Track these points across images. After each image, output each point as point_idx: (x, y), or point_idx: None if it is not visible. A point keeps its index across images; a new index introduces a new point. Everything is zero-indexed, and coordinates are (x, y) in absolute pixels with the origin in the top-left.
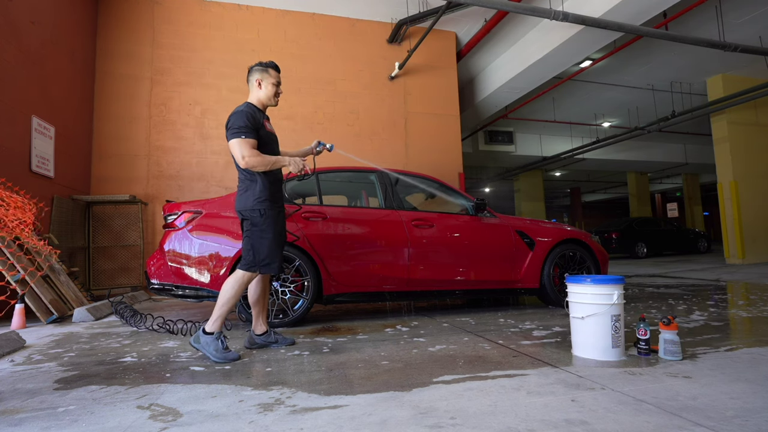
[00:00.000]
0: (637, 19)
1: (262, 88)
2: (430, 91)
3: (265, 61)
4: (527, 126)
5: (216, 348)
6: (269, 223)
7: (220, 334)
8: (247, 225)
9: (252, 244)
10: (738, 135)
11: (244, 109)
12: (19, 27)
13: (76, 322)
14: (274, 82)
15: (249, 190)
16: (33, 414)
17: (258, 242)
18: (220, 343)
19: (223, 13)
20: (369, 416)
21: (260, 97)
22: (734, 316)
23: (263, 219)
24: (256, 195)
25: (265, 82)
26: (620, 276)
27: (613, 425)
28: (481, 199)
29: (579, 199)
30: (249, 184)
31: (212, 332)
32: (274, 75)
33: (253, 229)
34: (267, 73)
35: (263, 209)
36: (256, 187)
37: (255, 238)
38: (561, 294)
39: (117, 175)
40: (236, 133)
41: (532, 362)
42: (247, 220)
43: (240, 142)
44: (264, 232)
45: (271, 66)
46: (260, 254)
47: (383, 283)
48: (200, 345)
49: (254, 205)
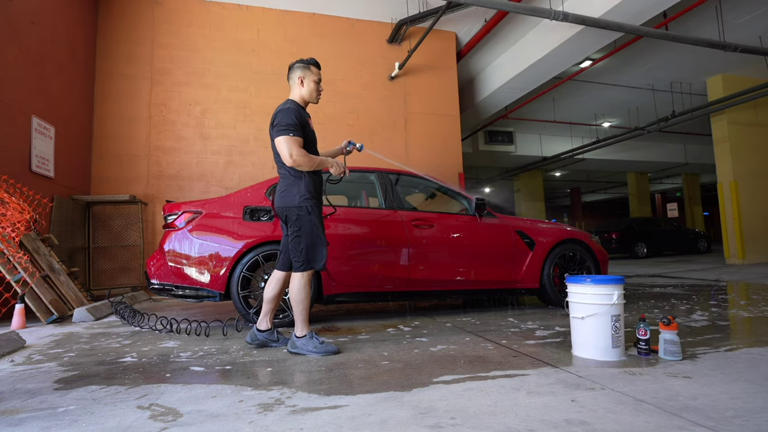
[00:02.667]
0: (637, 19)
1: (304, 86)
2: (430, 91)
3: (306, 59)
4: (527, 126)
5: (314, 346)
6: (317, 219)
7: (312, 334)
8: (293, 224)
9: (305, 242)
10: (738, 135)
11: (290, 107)
12: (19, 27)
13: (76, 322)
14: (316, 80)
15: (294, 187)
16: (33, 414)
17: (311, 240)
18: (316, 340)
19: (223, 13)
20: (369, 416)
21: (303, 95)
22: (734, 316)
23: (310, 216)
24: (302, 192)
25: (308, 79)
26: (620, 276)
27: (613, 425)
28: (481, 199)
29: (579, 199)
30: (293, 180)
31: (304, 335)
32: (315, 72)
33: (302, 227)
34: (309, 70)
35: (310, 206)
36: (301, 184)
37: (306, 236)
38: (561, 294)
39: (117, 175)
40: (284, 131)
41: (532, 362)
42: (290, 218)
43: (288, 139)
44: (315, 229)
45: (313, 63)
46: (313, 251)
47: (383, 283)
48: (299, 348)
49: (300, 203)
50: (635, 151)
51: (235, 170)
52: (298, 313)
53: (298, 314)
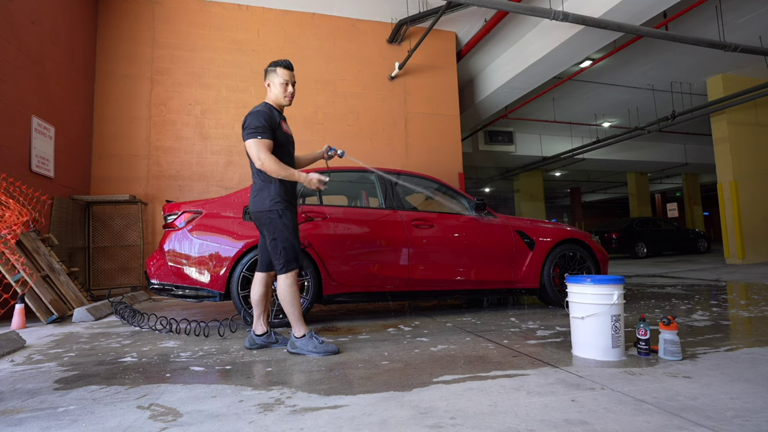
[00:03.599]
0: (637, 19)
1: (271, 89)
2: (430, 91)
3: (278, 60)
4: (527, 126)
5: (314, 345)
6: (289, 221)
7: (311, 333)
8: (267, 228)
9: (282, 245)
10: (738, 135)
11: (261, 109)
12: (19, 27)
13: (76, 322)
14: (282, 81)
15: (264, 191)
16: (33, 414)
17: (285, 242)
18: (315, 339)
19: (223, 13)
20: (369, 416)
21: (271, 98)
22: (734, 316)
23: (282, 219)
24: (272, 195)
25: (274, 82)
26: (620, 276)
27: (613, 425)
28: (481, 199)
29: (579, 199)
30: (264, 184)
31: (303, 334)
32: (281, 74)
33: (276, 230)
34: (275, 72)
35: (281, 209)
36: (272, 187)
37: (281, 238)
38: (561, 294)
39: (117, 175)
40: (252, 134)
41: (532, 362)
42: (263, 222)
43: (257, 142)
44: (288, 231)
45: (281, 65)
46: (291, 251)
47: (383, 283)
48: (299, 349)
49: (271, 206)
50: (635, 151)
51: (235, 170)
52: (291, 314)
53: (292, 315)
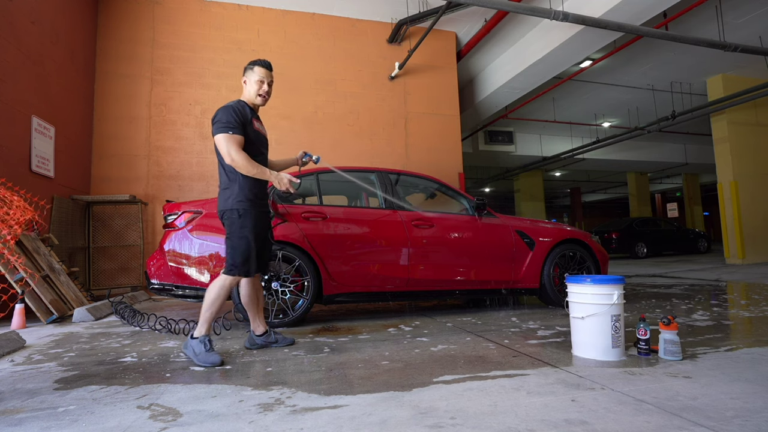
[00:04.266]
0: (637, 19)
1: (246, 86)
2: (430, 91)
3: (257, 59)
4: (527, 126)
5: (198, 351)
6: (248, 224)
7: (205, 338)
8: (226, 226)
9: (232, 246)
10: (738, 135)
11: (232, 104)
12: (19, 27)
13: (76, 322)
14: (257, 80)
15: (228, 189)
16: (33, 414)
17: (237, 243)
18: (203, 346)
19: (223, 13)
20: (369, 416)
21: (245, 96)
22: (734, 316)
23: (241, 220)
24: (235, 194)
25: (249, 80)
26: (620, 276)
27: (613, 425)
28: (481, 199)
29: (579, 199)
30: (228, 183)
31: (200, 336)
32: (258, 72)
33: (232, 230)
34: (251, 70)
35: (242, 210)
36: (236, 186)
37: (234, 240)
38: (561, 294)
39: (117, 175)
40: (223, 128)
41: (532, 362)
42: (223, 221)
43: (226, 137)
44: (242, 234)
45: (259, 64)
46: (238, 257)
47: (383, 283)
48: (186, 349)
49: (233, 205)
50: (635, 151)
51: None
52: (204, 312)
53: (203, 314)
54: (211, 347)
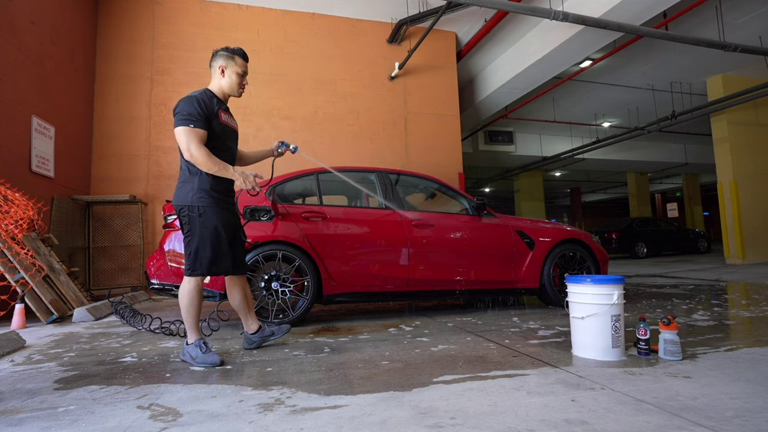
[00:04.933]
0: (637, 19)
1: (225, 76)
2: (430, 91)
3: (233, 47)
4: (527, 126)
5: (195, 354)
6: (209, 222)
7: (199, 341)
8: (184, 225)
9: (192, 245)
10: (738, 135)
11: (196, 95)
12: (19, 27)
13: (76, 322)
14: (240, 72)
15: (188, 183)
16: (33, 414)
17: (198, 243)
18: (199, 349)
19: (223, 13)
20: (369, 416)
21: (222, 86)
22: (734, 316)
23: (201, 219)
24: (195, 190)
25: (229, 69)
26: (620, 276)
27: (613, 425)
28: (481, 198)
29: (579, 199)
30: (188, 177)
31: (193, 341)
32: (240, 64)
33: (191, 229)
34: (233, 60)
35: (202, 206)
36: (196, 180)
37: (194, 239)
38: (561, 294)
39: (117, 175)
40: (184, 120)
41: (532, 362)
42: (181, 217)
43: (187, 131)
44: (203, 234)
45: (239, 53)
46: (201, 257)
47: (383, 283)
48: (184, 354)
49: (193, 201)
50: (635, 151)
51: None
52: (185, 319)
53: (187, 321)
54: (207, 349)
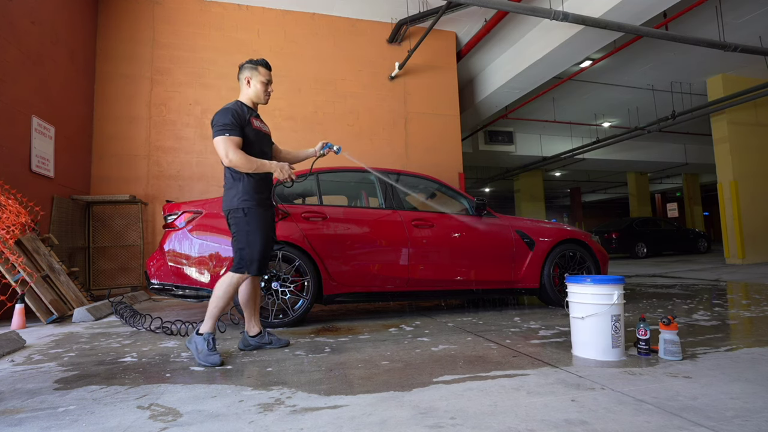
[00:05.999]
0: (637, 19)
1: (250, 86)
2: (430, 91)
3: (256, 59)
4: (527, 126)
5: (201, 348)
6: (254, 223)
7: (209, 335)
8: (232, 225)
9: (239, 244)
10: (738, 135)
11: (229, 107)
12: (19, 27)
13: (76, 322)
14: (264, 81)
15: (233, 189)
16: (33, 414)
17: (245, 242)
18: (206, 344)
19: (223, 13)
20: (369, 416)
21: (249, 95)
22: (735, 316)
23: (247, 218)
24: (240, 194)
25: (254, 80)
26: (620, 276)
27: (613, 425)
28: (481, 198)
29: (579, 199)
30: (232, 183)
31: (204, 333)
32: (263, 73)
33: (238, 230)
34: (256, 71)
35: (246, 208)
36: (240, 185)
37: (241, 238)
38: (561, 294)
39: (117, 175)
40: (220, 131)
41: (532, 362)
42: (229, 220)
43: (224, 140)
44: (249, 233)
45: (261, 63)
46: (245, 255)
47: (383, 283)
48: (190, 344)
49: (238, 204)
50: (635, 151)
51: None
52: (211, 309)
53: (211, 312)
54: (213, 347)
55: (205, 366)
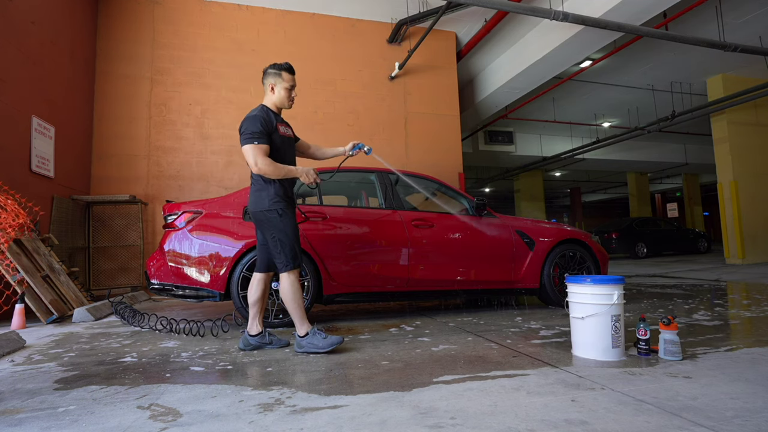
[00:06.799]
0: (637, 19)
1: (275, 93)
2: (430, 91)
3: (280, 63)
4: (527, 126)
5: (318, 340)
6: (288, 221)
7: (314, 330)
8: (267, 227)
9: (282, 243)
10: (738, 135)
11: (257, 114)
12: (19, 27)
13: (76, 322)
14: (287, 86)
15: (264, 191)
16: (33, 414)
17: (285, 240)
18: (319, 335)
19: (223, 13)
20: (369, 416)
21: (274, 101)
22: (734, 316)
23: (282, 218)
24: (271, 195)
25: (279, 86)
26: (620, 276)
27: (613, 425)
28: (481, 198)
29: (579, 199)
30: (263, 185)
31: (306, 333)
32: (287, 79)
33: (275, 230)
34: (280, 77)
35: (281, 209)
36: (271, 188)
37: (281, 237)
38: (561, 294)
39: (117, 175)
40: (249, 139)
41: (532, 362)
42: (263, 221)
43: (253, 148)
44: (288, 230)
45: (285, 69)
46: (289, 252)
47: (383, 283)
48: (305, 348)
49: (270, 206)
50: (635, 151)
51: (235, 170)
52: (294, 312)
53: (294, 313)
54: (324, 335)
55: (331, 347)
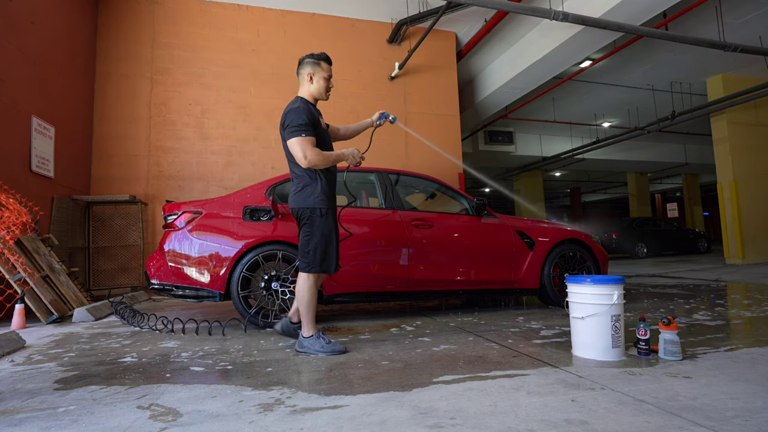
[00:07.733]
0: (637, 19)
1: (313, 83)
2: (430, 91)
3: (317, 53)
4: (527, 126)
5: (321, 345)
6: (331, 222)
7: (318, 333)
8: (305, 224)
9: (313, 243)
10: (738, 135)
11: (300, 106)
12: (19, 27)
13: (76, 322)
14: (326, 76)
15: (309, 188)
16: (33, 414)
17: (319, 241)
18: (323, 339)
19: (223, 13)
20: (369, 416)
21: (312, 92)
22: (735, 316)
23: (325, 219)
24: (317, 193)
25: (317, 76)
26: (620, 276)
27: (613, 425)
28: (481, 199)
29: (579, 199)
30: (309, 181)
31: (311, 335)
32: (326, 68)
33: (313, 229)
34: (319, 66)
35: (324, 209)
36: (317, 185)
37: (317, 236)
38: (561, 294)
39: (117, 175)
40: (296, 132)
41: (532, 362)
42: (303, 218)
43: (301, 140)
44: (328, 233)
45: (323, 58)
46: (323, 254)
47: (384, 283)
48: (306, 348)
49: (315, 203)
50: (635, 151)
51: (235, 170)
52: (305, 313)
53: (305, 314)
54: (328, 339)
55: (332, 354)
